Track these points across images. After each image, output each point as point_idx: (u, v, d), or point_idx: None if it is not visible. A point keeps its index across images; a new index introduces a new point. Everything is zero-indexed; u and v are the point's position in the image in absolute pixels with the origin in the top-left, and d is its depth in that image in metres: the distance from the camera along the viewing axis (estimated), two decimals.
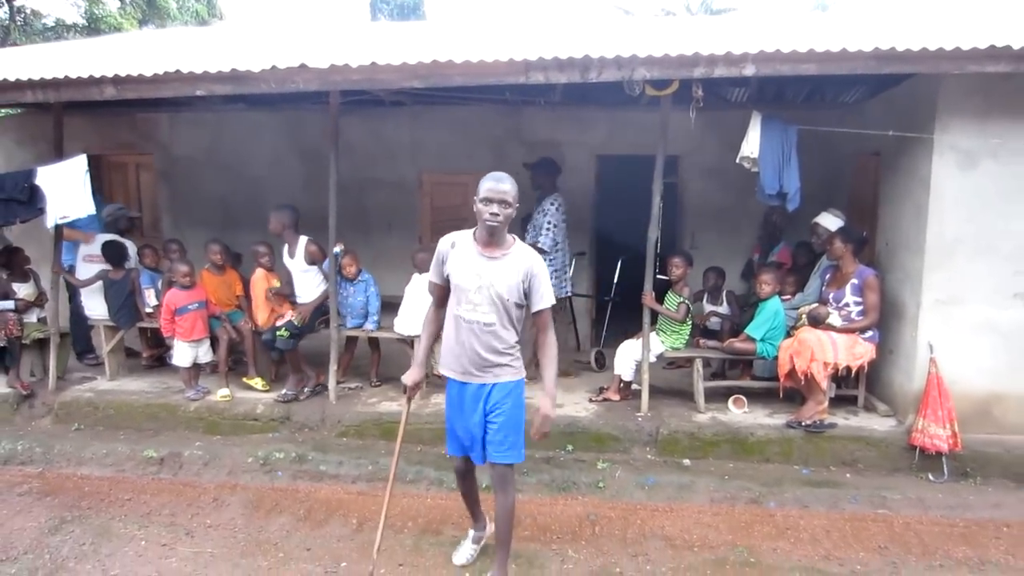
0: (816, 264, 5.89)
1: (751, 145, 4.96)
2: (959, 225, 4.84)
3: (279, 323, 5.75)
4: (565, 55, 4.60)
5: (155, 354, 6.63)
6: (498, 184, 3.07)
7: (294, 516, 4.35)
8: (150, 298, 6.18)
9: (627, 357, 5.54)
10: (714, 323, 6.05)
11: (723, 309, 6.03)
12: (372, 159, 7.84)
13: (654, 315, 5.57)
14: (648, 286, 5.36)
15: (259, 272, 5.90)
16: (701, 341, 5.65)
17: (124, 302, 6.13)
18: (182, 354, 5.73)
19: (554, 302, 3.28)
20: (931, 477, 4.72)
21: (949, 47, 4.29)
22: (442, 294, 3.35)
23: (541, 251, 5.72)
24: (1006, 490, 4.61)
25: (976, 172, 4.80)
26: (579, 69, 4.64)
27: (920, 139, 4.95)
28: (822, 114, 6.44)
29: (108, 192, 8.30)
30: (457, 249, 3.21)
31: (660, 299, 5.66)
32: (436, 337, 3.52)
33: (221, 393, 5.75)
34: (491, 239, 3.14)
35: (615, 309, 7.18)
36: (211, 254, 6.10)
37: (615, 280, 6.86)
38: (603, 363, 6.70)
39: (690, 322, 5.67)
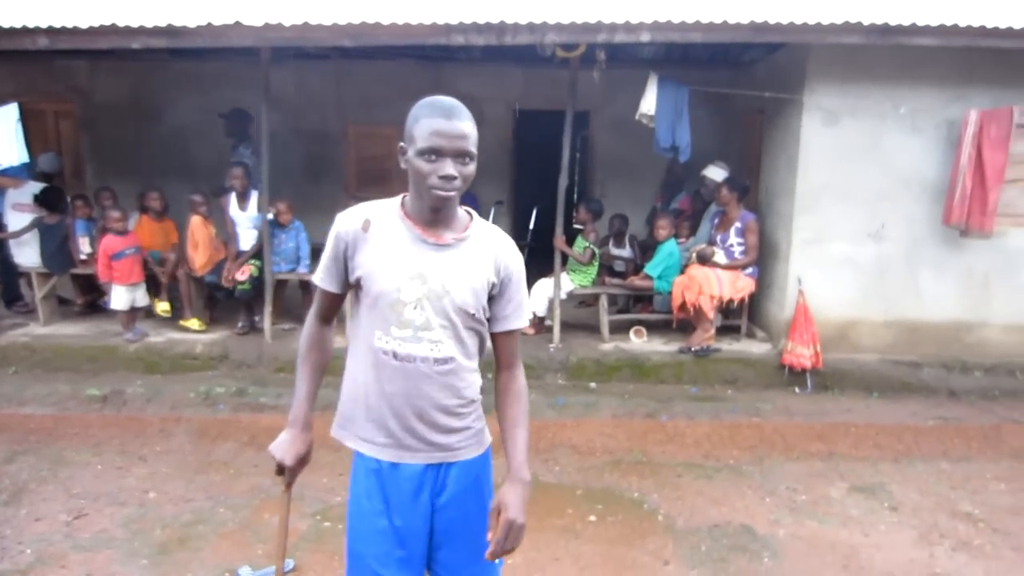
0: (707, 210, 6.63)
1: (648, 103, 5.55)
2: (824, 174, 5.61)
3: (241, 277, 6.09)
4: (483, 20, 5.02)
5: (88, 300, 6.79)
6: (452, 122, 1.66)
7: (239, 442, 4.72)
8: (84, 245, 6.34)
9: (541, 295, 6.14)
10: (619, 264, 6.71)
11: (626, 252, 6.69)
12: (299, 111, 8.06)
13: (565, 257, 6.17)
14: (559, 230, 5.94)
15: (197, 219, 6.17)
16: (606, 279, 6.31)
17: (58, 248, 6.26)
18: (119, 298, 5.96)
19: (531, 316, 2.15)
20: (797, 390, 5.57)
21: (812, 21, 4.96)
22: (333, 307, 1.93)
23: None
24: (857, 398, 5.51)
25: (838, 129, 5.56)
26: (495, 33, 5.08)
27: (793, 99, 5.67)
28: (720, 74, 7.12)
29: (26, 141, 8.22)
30: (375, 233, 1.79)
31: (571, 243, 6.26)
32: (323, 373, 2.00)
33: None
34: (437, 216, 1.77)
35: (531, 253, 7.76)
36: (150, 200, 6.33)
37: (531, 226, 7.42)
38: None
39: (596, 263, 6.31)
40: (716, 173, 6.29)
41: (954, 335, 5.83)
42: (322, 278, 1.87)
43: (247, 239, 6.26)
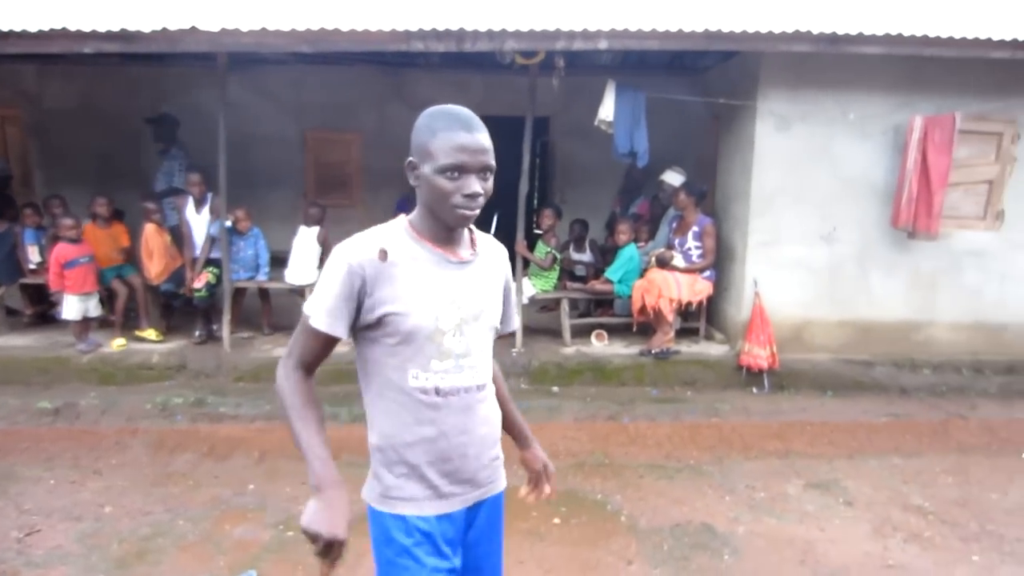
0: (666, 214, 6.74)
1: (607, 109, 5.64)
2: (777, 179, 5.76)
3: (197, 284, 5.97)
4: (443, 27, 5.05)
5: (38, 311, 6.61)
6: (474, 135, 1.53)
7: (198, 452, 4.64)
8: (33, 255, 6.17)
9: None
10: (580, 269, 6.78)
11: (587, 256, 6.76)
12: (257, 116, 7.96)
13: (526, 262, 6.21)
14: (520, 236, 5.98)
15: (151, 227, 6.06)
16: (567, 284, 6.37)
17: (6, 258, 6.10)
18: (72, 308, 5.81)
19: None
20: (755, 390, 5.69)
21: (764, 30, 5.09)
22: (326, 354, 1.65)
23: None
24: (811, 397, 5.65)
25: (790, 134, 5.71)
26: (455, 40, 5.10)
27: (746, 105, 5.80)
28: (677, 80, 7.25)
29: None
30: (396, 261, 1.59)
31: (532, 248, 6.31)
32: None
33: (116, 342, 5.93)
34: (452, 235, 1.65)
35: None
36: (97, 206, 6.18)
37: (491, 231, 7.44)
38: None
39: (558, 268, 6.36)
40: (673, 178, 6.41)
41: (903, 334, 6.02)
42: (327, 322, 1.56)
43: (203, 243, 6.17)
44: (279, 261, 6.30)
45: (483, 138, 1.55)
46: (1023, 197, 5.96)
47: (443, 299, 1.61)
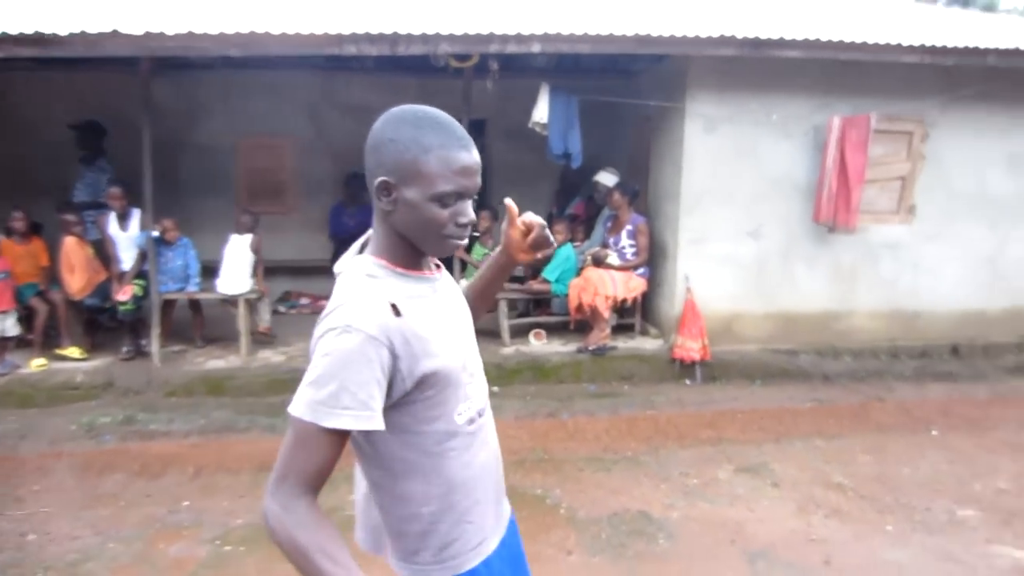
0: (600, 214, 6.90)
1: (541, 112, 5.74)
2: (706, 178, 5.96)
3: (122, 297, 5.79)
4: (376, 30, 5.05)
5: None
6: (472, 153, 1.31)
7: (129, 472, 4.46)
8: None
9: None
10: (518, 269, 6.85)
11: None
12: (186, 123, 7.78)
13: (464, 264, 6.26)
14: None
15: (71, 240, 5.84)
16: (504, 285, 6.42)
17: None
18: None
19: None
20: (688, 382, 5.87)
21: (691, 35, 5.28)
22: (335, 460, 1.25)
23: None
24: (742, 386, 5.87)
25: (717, 135, 5.92)
26: (389, 43, 5.11)
27: (676, 107, 5.98)
28: (612, 83, 7.41)
29: None
30: (406, 310, 1.32)
31: (470, 251, 6.37)
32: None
33: (36, 362, 5.70)
34: (421, 255, 1.42)
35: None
36: (13, 221, 5.93)
37: None
38: None
39: None
40: (607, 179, 6.56)
41: (826, 323, 6.31)
42: (362, 416, 1.21)
43: (130, 260, 6.00)
44: (212, 271, 6.18)
45: (477, 154, 1.31)
46: (932, 192, 6.32)
47: (451, 323, 1.42)
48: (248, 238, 6.11)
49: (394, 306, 1.28)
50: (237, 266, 6.03)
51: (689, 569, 3.32)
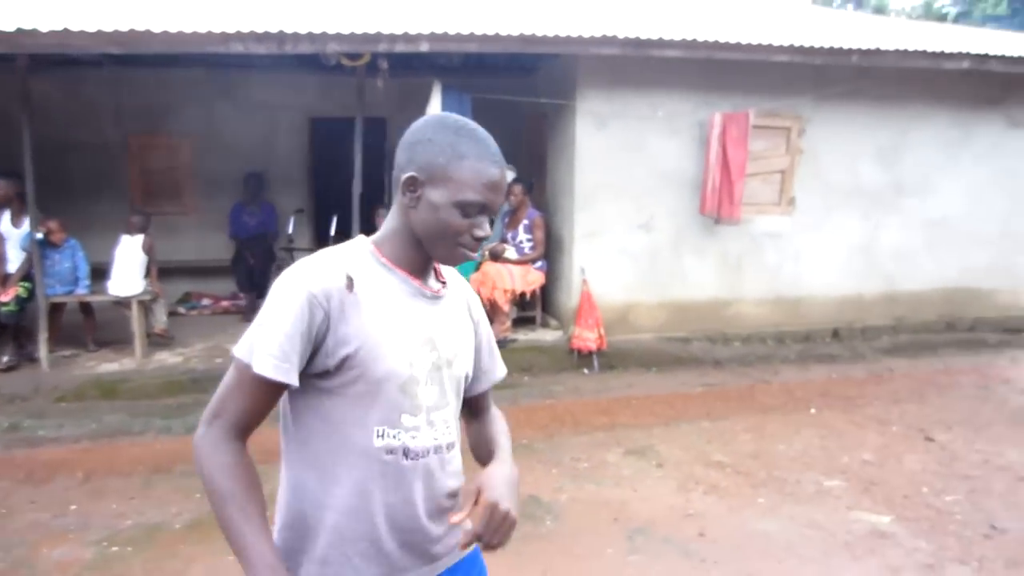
0: None
1: (433, 110, 5.81)
2: (598, 173, 6.18)
3: (4, 299, 5.56)
4: (262, 29, 5.02)
5: None
6: (502, 170, 1.33)
7: (13, 480, 4.33)
8: None
9: None
10: None
11: None
12: (72, 122, 7.47)
13: None
14: (356, 235, 6.04)
15: None
16: None
17: None
18: None
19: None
20: (586, 371, 6.08)
21: (574, 34, 5.46)
22: (267, 410, 1.30)
23: None
24: (637, 374, 6.11)
25: (607, 132, 6.15)
26: (275, 42, 5.09)
27: (568, 105, 6.17)
28: (513, 81, 7.55)
29: None
30: (363, 292, 1.29)
31: None
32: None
33: None
34: (430, 264, 1.40)
35: None
36: None
37: (331, 233, 7.41)
38: None
39: None
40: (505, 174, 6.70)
41: (715, 311, 6.65)
42: (279, 367, 1.22)
43: (17, 260, 5.78)
44: (103, 273, 5.99)
45: (507, 175, 1.33)
46: (810, 184, 6.73)
47: (418, 339, 1.34)
48: (140, 239, 5.97)
49: (351, 279, 1.27)
50: (128, 267, 5.88)
51: (571, 547, 3.48)
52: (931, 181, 7.09)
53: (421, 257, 1.35)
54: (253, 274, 7.23)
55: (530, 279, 6.22)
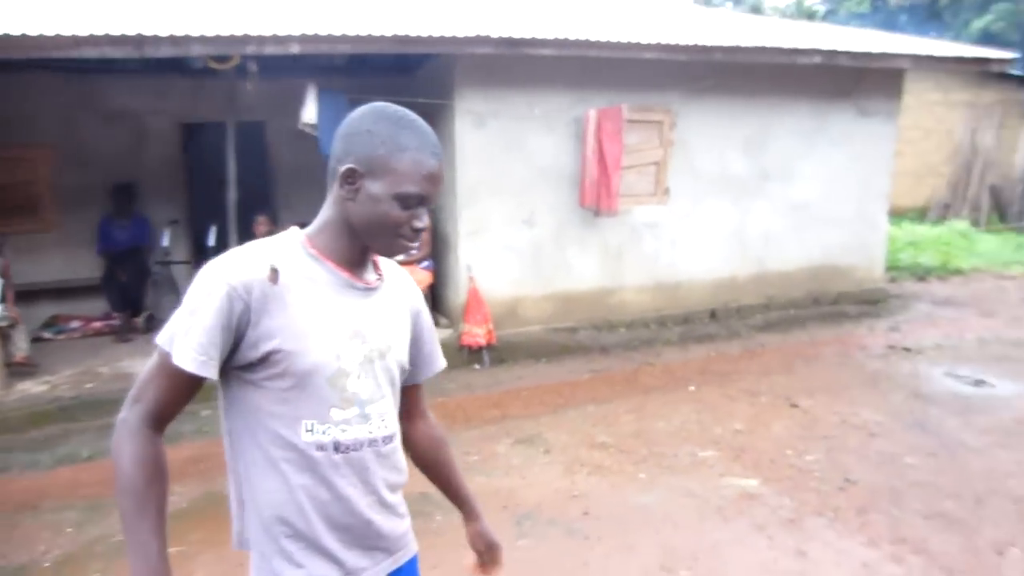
0: None
1: (309, 113, 5.73)
2: (479, 171, 6.27)
3: None
4: (118, 31, 4.79)
5: None
6: (439, 162, 1.33)
7: None
8: None
9: None
10: None
11: None
12: None
13: None
14: (234, 245, 5.88)
15: None
16: None
17: None
18: None
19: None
20: (477, 367, 6.16)
21: (448, 34, 5.52)
22: (184, 401, 1.32)
23: None
24: (527, 366, 6.25)
25: (486, 130, 6.24)
26: (134, 45, 4.87)
27: (447, 104, 6.23)
28: (401, 81, 7.52)
29: None
30: (288, 284, 1.29)
31: None
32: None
33: None
34: (366, 257, 1.40)
35: None
36: None
37: (210, 244, 7.16)
38: None
39: None
40: None
41: (600, 300, 6.88)
42: (196, 359, 1.22)
43: None
44: None
45: (440, 164, 1.33)
46: (683, 175, 7.06)
47: (346, 331, 1.33)
48: None
49: (275, 270, 1.26)
50: None
51: (461, 539, 3.47)
52: (793, 168, 7.59)
53: (355, 249, 1.35)
54: (127, 292, 6.88)
55: (417, 279, 6.21)
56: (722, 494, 3.96)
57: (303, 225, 1.40)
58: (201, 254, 7.35)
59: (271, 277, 1.25)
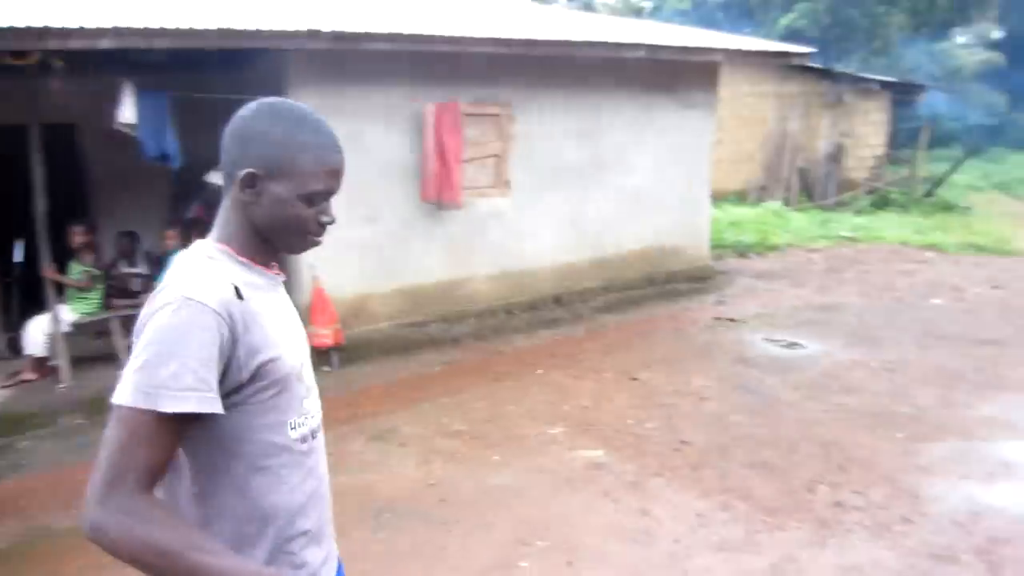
0: None
1: (127, 113, 5.36)
2: None
3: None
4: None
5: None
6: (342, 155, 1.35)
7: None
8: None
9: (37, 333, 5.54)
10: (136, 283, 6.35)
11: (142, 269, 6.38)
12: None
13: (61, 286, 5.64)
14: (46, 260, 5.41)
15: None
16: (115, 302, 5.94)
17: None
18: None
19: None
20: (326, 368, 6.04)
21: (277, 28, 5.36)
22: (176, 447, 1.17)
23: None
24: (379, 364, 6.20)
25: None
26: None
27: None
28: (221, 77, 7.11)
29: None
30: (248, 296, 1.25)
31: (64, 270, 5.73)
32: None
33: None
34: (276, 254, 1.40)
35: (28, 289, 6.79)
36: None
37: (17, 260, 6.49)
38: (18, 347, 6.39)
39: (101, 288, 5.90)
40: (218, 177, 6.37)
41: (448, 293, 6.97)
42: (200, 396, 1.11)
43: None
44: None
45: (343, 157, 1.32)
46: (524, 166, 7.29)
47: (290, 325, 1.37)
48: None
49: (236, 288, 1.21)
50: None
51: None
52: (625, 157, 8.05)
53: (269, 249, 1.34)
54: None
55: None
56: (571, 467, 4.17)
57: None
58: (7, 272, 6.66)
59: (237, 294, 1.22)
